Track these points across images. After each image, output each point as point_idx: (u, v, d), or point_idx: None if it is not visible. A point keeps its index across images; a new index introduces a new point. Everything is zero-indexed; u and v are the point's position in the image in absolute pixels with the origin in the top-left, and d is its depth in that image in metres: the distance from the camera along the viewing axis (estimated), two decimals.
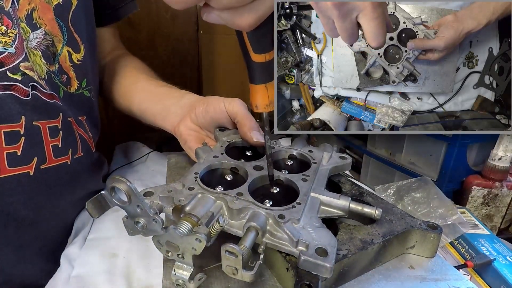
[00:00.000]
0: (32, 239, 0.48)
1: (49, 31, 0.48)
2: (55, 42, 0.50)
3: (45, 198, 0.48)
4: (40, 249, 0.50)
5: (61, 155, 0.50)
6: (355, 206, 0.39)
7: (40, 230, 0.49)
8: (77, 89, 0.54)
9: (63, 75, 0.51)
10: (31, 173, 0.46)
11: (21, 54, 0.44)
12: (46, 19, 0.48)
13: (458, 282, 0.37)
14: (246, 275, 0.30)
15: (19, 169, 0.45)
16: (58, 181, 0.49)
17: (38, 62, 0.47)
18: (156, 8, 1.07)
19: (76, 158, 0.53)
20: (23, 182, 0.45)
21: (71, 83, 0.53)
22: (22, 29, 0.45)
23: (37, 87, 0.46)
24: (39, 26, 0.47)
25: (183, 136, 0.57)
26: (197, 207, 0.36)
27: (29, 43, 0.46)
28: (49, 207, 0.49)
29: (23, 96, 0.44)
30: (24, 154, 0.45)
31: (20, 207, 0.46)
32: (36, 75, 0.46)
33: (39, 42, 0.47)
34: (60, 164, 0.49)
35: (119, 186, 0.28)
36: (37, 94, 0.46)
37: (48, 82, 0.48)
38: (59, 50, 0.50)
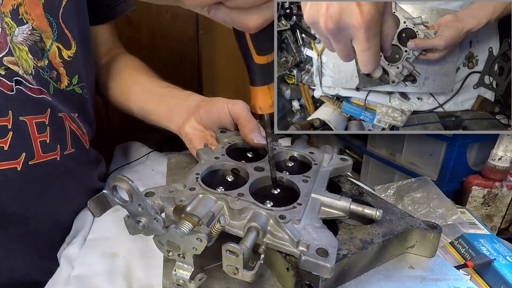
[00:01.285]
0: (21, 235, 0.48)
1: (36, 27, 0.48)
2: (44, 38, 0.49)
3: (34, 194, 0.48)
4: (30, 245, 0.50)
5: (50, 151, 0.49)
6: (355, 207, 0.39)
7: (30, 226, 0.49)
8: (67, 86, 0.54)
9: (53, 71, 0.51)
10: (19, 168, 0.45)
11: (4, 49, 0.44)
12: (34, 14, 0.48)
13: (458, 282, 0.37)
14: (246, 275, 0.30)
15: (6, 164, 0.44)
16: (47, 177, 0.49)
17: (24, 57, 0.47)
18: (156, 8, 1.07)
19: (66, 155, 0.52)
20: (10, 178, 0.45)
21: (61, 79, 0.53)
22: (6, 24, 0.45)
23: (22, 82, 0.46)
24: (25, 21, 0.47)
25: (188, 136, 0.58)
26: (198, 207, 0.36)
27: (14, 38, 0.45)
28: (38, 203, 0.49)
29: (7, 90, 0.44)
30: (11, 149, 0.45)
31: (8, 203, 0.46)
32: (21, 70, 0.46)
33: (26, 37, 0.47)
34: (48, 160, 0.49)
35: (121, 185, 0.28)
36: (22, 89, 0.46)
37: (35, 78, 0.48)
38: (48, 46, 0.50)
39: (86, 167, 0.58)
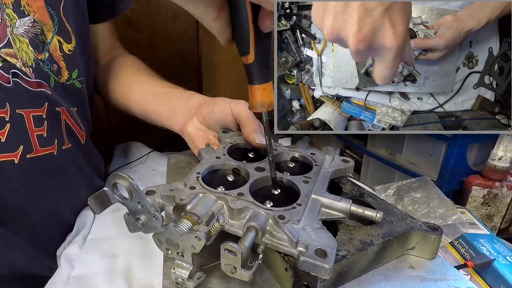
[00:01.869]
0: (20, 229, 0.49)
1: (38, 19, 0.48)
2: (45, 31, 0.49)
3: (33, 188, 0.48)
4: (31, 239, 0.50)
5: (47, 145, 0.49)
6: (356, 209, 0.39)
7: (28, 220, 0.49)
8: (67, 80, 0.54)
9: (53, 64, 0.51)
10: (16, 161, 0.46)
11: (3, 40, 0.44)
12: (35, 7, 0.48)
13: (458, 282, 0.37)
14: (244, 274, 0.30)
15: (3, 156, 0.45)
16: (44, 171, 0.49)
17: (25, 49, 0.47)
18: (156, 8, 1.07)
19: (64, 149, 0.52)
20: (7, 170, 0.45)
21: (62, 73, 0.53)
22: (7, 15, 0.45)
23: (19, 75, 0.45)
24: (27, 13, 0.47)
25: (190, 136, 0.58)
26: (198, 206, 0.36)
27: (14, 30, 0.46)
28: (37, 198, 0.49)
29: (4, 82, 0.44)
30: (8, 141, 0.45)
31: (7, 196, 0.46)
32: (19, 62, 0.46)
33: (27, 30, 0.47)
34: (46, 154, 0.49)
35: (121, 182, 0.29)
36: (19, 81, 0.46)
37: (35, 70, 0.48)
38: (49, 39, 0.50)
39: (82, 163, 0.58)
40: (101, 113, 1.03)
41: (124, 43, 0.78)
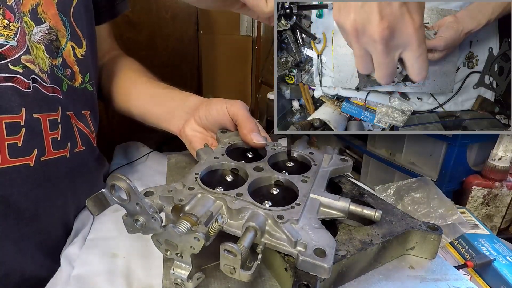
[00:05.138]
0: (32, 233, 0.49)
1: (53, 26, 0.49)
2: (59, 37, 0.51)
3: (45, 191, 0.49)
4: (40, 243, 0.50)
5: (60, 148, 0.50)
6: (354, 208, 0.39)
7: (40, 224, 0.49)
8: (81, 84, 0.55)
9: (67, 69, 0.52)
10: (31, 164, 0.46)
11: (23, 47, 0.45)
12: (50, 14, 0.49)
13: (458, 282, 0.37)
14: (243, 275, 0.30)
15: (19, 160, 0.45)
16: (57, 174, 0.50)
17: (41, 55, 0.48)
18: (156, 8, 1.07)
19: (76, 152, 0.53)
20: (23, 173, 0.45)
21: (75, 77, 0.54)
22: (25, 23, 0.46)
23: (38, 80, 0.46)
24: (43, 20, 0.48)
25: (188, 137, 0.58)
26: (197, 206, 0.36)
27: (32, 37, 0.47)
28: (49, 201, 0.50)
29: (24, 88, 0.45)
30: (24, 146, 0.45)
31: (20, 199, 0.46)
32: (37, 68, 0.46)
33: (43, 36, 0.48)
34: (59, 157, 0.50)
35: (119, 184, 0.28)
36: (38, 87, 0.46)
37: (50, 76, 0.49)
38: (63, 45, 0.51)
39: (93, 165, 0.59)
40: (101, 113, 1.03)
41: (124, 43, 0.78)
